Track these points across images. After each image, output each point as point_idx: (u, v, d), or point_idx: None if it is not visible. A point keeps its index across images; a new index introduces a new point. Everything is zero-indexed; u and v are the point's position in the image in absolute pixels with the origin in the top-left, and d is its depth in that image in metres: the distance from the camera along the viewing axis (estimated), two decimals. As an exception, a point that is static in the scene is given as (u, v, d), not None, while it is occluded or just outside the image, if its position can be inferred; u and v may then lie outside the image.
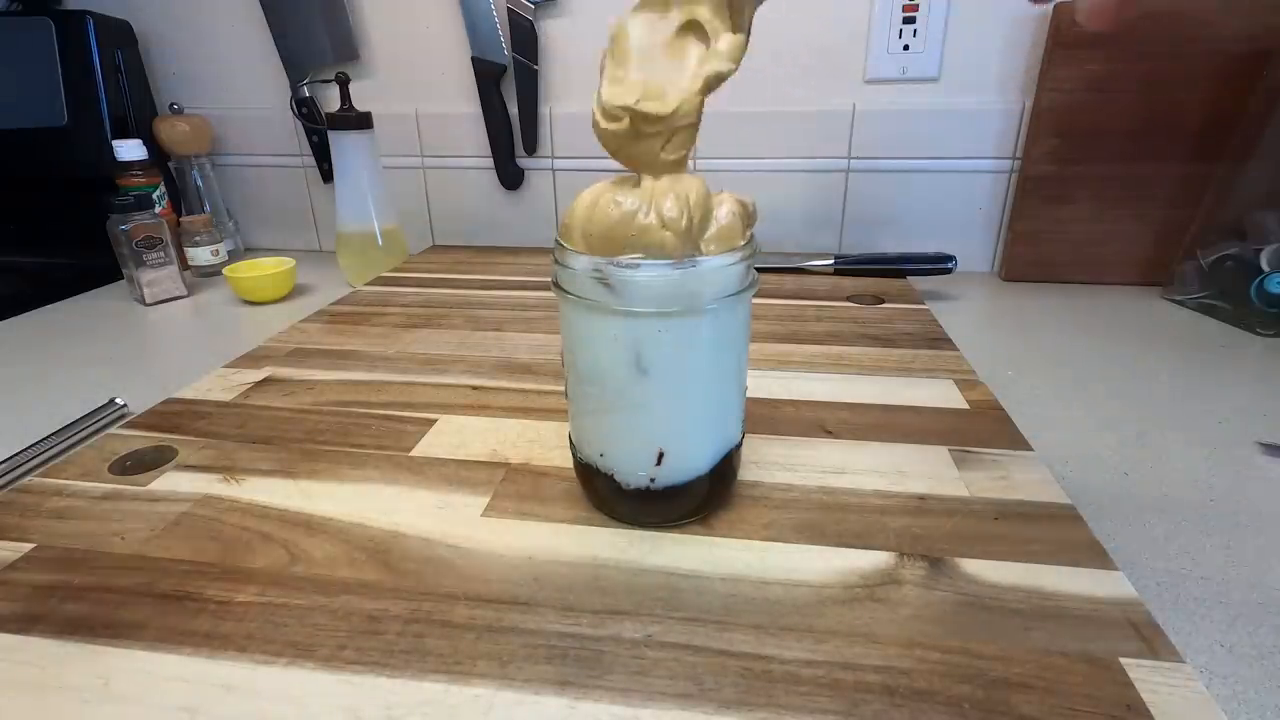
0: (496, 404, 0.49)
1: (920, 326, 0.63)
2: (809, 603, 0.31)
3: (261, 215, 0.99)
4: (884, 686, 0.26)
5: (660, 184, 0.30)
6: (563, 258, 0.32)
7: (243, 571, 0.33)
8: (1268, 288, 0.62)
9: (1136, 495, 0.40)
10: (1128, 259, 0.77)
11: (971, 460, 0.41)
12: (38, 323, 0.73)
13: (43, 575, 0.33)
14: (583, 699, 0.26)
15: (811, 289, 0.74)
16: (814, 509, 0.37)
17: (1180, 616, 0.31)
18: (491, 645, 0.29)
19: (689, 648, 0.28)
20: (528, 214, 0.93)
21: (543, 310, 0.69)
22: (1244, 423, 0.48)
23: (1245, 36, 0.67)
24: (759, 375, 0.52)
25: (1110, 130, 0.73)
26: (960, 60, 0.77)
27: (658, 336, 0.31)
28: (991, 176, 0.80)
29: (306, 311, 0.70)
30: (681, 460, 0.34)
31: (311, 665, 0.28)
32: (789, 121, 0.82)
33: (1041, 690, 0.26)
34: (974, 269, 0.83)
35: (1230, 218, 0.68)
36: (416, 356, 0.58)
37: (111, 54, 0.85)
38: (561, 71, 0.86)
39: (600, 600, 0.31)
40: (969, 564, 0.33)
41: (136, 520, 0.37)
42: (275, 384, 0.53)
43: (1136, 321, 0.67)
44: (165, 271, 0.76)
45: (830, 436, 0.44)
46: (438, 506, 0.38)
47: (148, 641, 0.29)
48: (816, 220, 0.86)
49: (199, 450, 0.44)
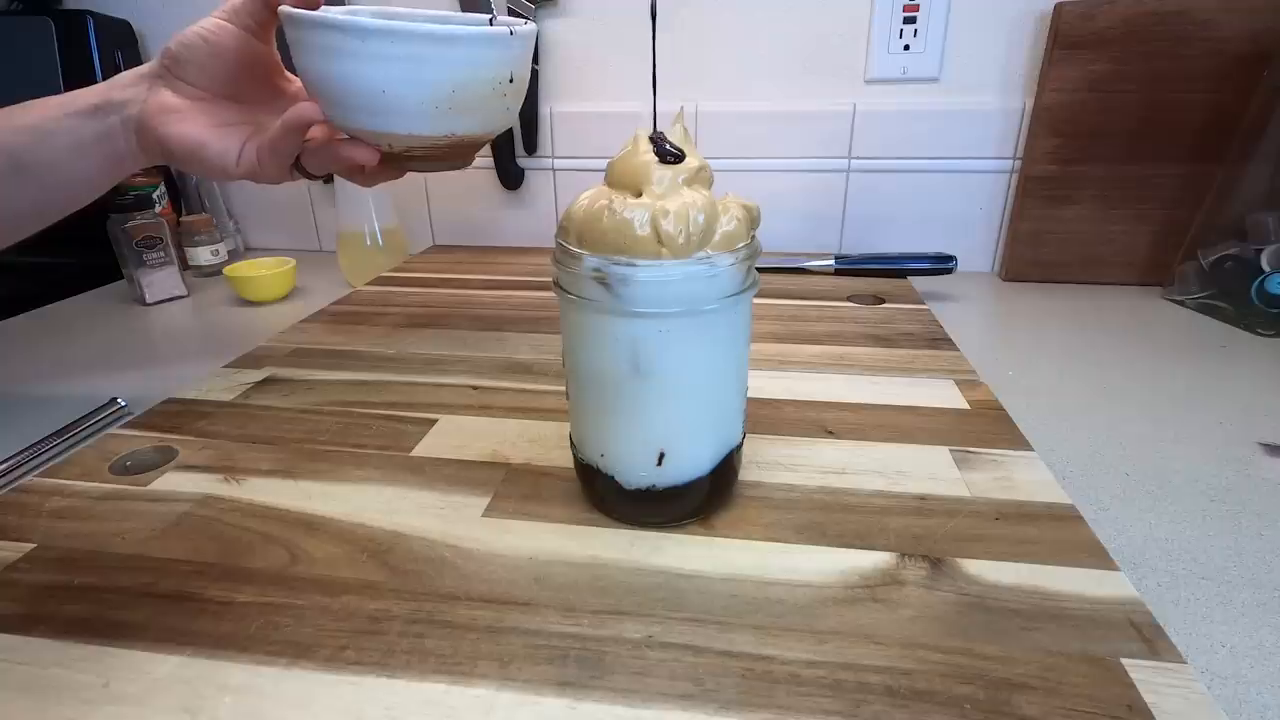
0: (497, 404, 0.49)
1: (921, 326, 0.63)
2: (810, 603, 0.31)
3: (261, 215, 0.99)
4: (885, 687, 0.26)
5: (665, 199, 0.30)
6: (563, 258, 0.32)
7: (243, 572, 0.33)
8: (1268, 288, 0.62)
9: (1137, 495, 0.40)
10: (1128, 259, 0.77)
11: (972, 460, 0.41)
12: (38, 323, 0.73)
13: (43, 575, 0.33)
14: (583, 699, 0.26)
15: (812, 289, 0.74)
16: (815, 509, 0.37)
17: (1181, 617, 0.31)
18: (492, 646, 0.29)
19: (690, 648, 0.28)
20: (528, 214, 0.93)
21: (543, 310, 0.69)
22: (1244, 423, 0.48)
23: (1245, 36, 0.67)
24: (759, 375, 0.52)
25: (1111, 130, 0.73)
26: (961, 60, 0.77)
27: (658, 337, 0.31)
28: (992, 176, 0.80)
29: (306, 311, 0.70)
30: (682, 460, 0.34)
31: (312, 666, 0.28)
32: (789, 121, 0.82)
33: (1043, 691, 0.26)
34: (974, 269, 0.83)
35: (1231, 218, 0.68)
36: (417, 356, 0.58)
37: (111, 54, 0.85)
38: (561, 71, 0.86)
39: (601, 601, 0.31)
40: (970, 564, 0.33)
41: (137, 520, 0.37)
42: (275, 384, 0.53)
43: (1137, 321, 0.67)
44: (165, 271, 0.76)
45: (831, 437, 0.44)
46: (439, 507, 0.38)
47: (148, 641, 0.29)
48: (817, 220, 0.86)
49: (199, 450, 0.44)
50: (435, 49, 0.39)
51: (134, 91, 0.44)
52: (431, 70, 0.40)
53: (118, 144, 0.44)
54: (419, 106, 0.41)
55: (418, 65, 0.39)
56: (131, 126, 0.44)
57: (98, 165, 0.45)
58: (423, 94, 0.40)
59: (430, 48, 0.39)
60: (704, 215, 0.30)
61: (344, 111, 0.42)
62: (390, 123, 0.41)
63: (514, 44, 0.42)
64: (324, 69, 0.40)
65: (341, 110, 0.42)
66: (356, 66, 0.39)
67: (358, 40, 0.38)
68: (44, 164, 0.43)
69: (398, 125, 0.41)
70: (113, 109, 0.44)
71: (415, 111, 0.41)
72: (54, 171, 0.44)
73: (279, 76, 0.48)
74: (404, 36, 0.38)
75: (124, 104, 0.44)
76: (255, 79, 0.46)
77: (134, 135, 0.44)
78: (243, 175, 0.45)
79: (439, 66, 0.40)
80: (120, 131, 0.44)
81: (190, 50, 0.43)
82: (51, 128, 0.43)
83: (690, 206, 0.30)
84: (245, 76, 0.45)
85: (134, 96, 0.44)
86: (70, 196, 0.46)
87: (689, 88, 0.83)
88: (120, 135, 0.44)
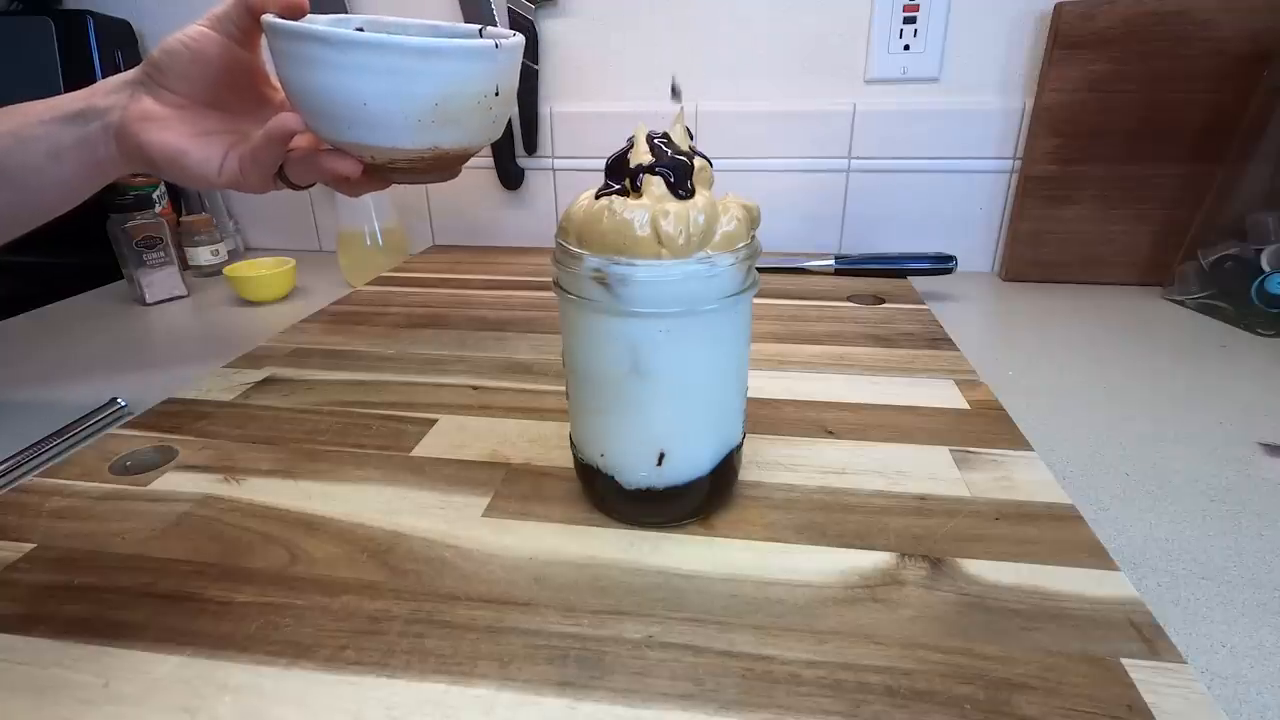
0: (497, 404, 0.49)
1: (921, 326, 0.63)
2: (810, 603, 0.31)
3: (261, 215, 0.99)
4: (885, 687, 0.26)
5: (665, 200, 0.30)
6: (563, 258, 0.32)
7: (243, 572, 0.33)
8: (1268, 288, 0.62)
9: (1137, 495, 0.40)
10: (1128, 259, 0.77)
11: (972, 460, 0.41)
12: (38, 323, 0.73)
13: (43, 575, 0.33)
14: (584, 699, 0.26)
15: (812, 289, 0.74)
16: (815, 509, 0.37)
17: (1181, 617, 0.31)
18: (492, 646, 0.29)
19: (690, 648, 0.28)
20: (528, 214, 0.93)
21: (543, 310, 0.69)
22: (1244, 423, 0.48)
23: (1245, 36, 0.67)
24: (759, 375, 0.52)
25: (1111, 130, 0.73)
26: (961, 60, 0.77)
27: (658, 337, 0.31)
28: (992, 176, 0.80)
29: (306, 311, 0.70)
30: (682, 461, 0.34)
31: (312, 666, 0.28)
32: (789, 121, 0.82)
33: (1043, 691, 0.26)
34: (974, 269, 0.83)
35: (1231, 218, 0.68)
36: (416, 356, 0.58)
37: (111, 54, 0.85)
38: (561, 71, 0.86)
39: (601, 601, 0.31)
40: (970, 564, 0.33)
41: (137, 520, 0.37)
42: (275, 384, 0.53)
43: (1137, 321, 0.67)
44: (165, 271, 0.76)
45: (831, 437, 0.44)
46: (438, 507, 0.38)
47: (148, 641, 0.29)
48: (817, 220, 0.86)
49: (199, 450, 0.44)
50: (418, 62, 0.38)
51: (116, 98, 0.43)
52: (414, 83, 0.39)
53: (97, 151, 0.43)
54: (402, 119, 0.40)
55: (400, 78, 0.39)
56: (112, 133, 0.43)
57: (76, 171, 0.44)
58: (405, 107, 0.40)
59: (413, 61, 0.38)
60: (704, 215, 0.30)
61: (325, 123, 0.41)
62: (373, 135, 0.41)
63: (499, 57, 0.41)
64: (305, 80, 0.40)
65: (323, 122, 0.41)
66: (338, 78, 0.38)
67: (339, 52, 0.38)
68: (20, 169, 0.43)
69: (380, 138, 0.41)
70: (94, 115, 0.43)
71: (398, 125, 0.40)
72: (31, 177, 0.43)
73: (265, 85, 0.47)
74: (386, 49, 0.38)
75: (105, 110, 0.43)
76: (239, 87, 0.46)
77: (114, 142, 0.43)
78: (225, 185, 0.45)
79: (422, 80, 0.39)
80: (100, 138, 0.43)
81: (172, 57, 0.43)
82: (29, 133, 0.43)
83: (690, 207, 0.30)
84: (229, 84, 0.45)
85: (116, 103, 0.43)
86: (48, 202, 0.46)
87: (689, 88, 0.83)
88: (100, 142, 0.43)
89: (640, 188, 0.31)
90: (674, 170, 0.31)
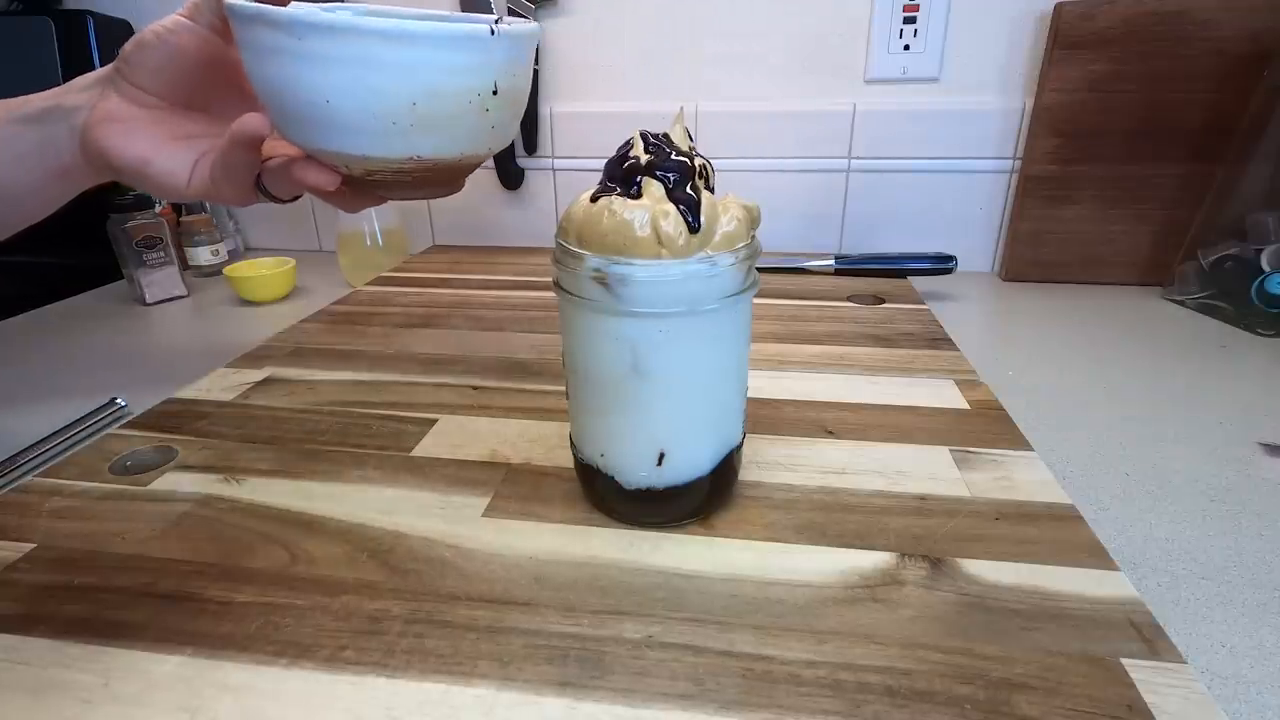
0: (497, 404, 0.49)
1: (921, 326, 0.63)
2: (810, 603, 0.31)
3: (261, 215, 0.99)
4: (885, 687, 0.26)
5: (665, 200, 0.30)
6: (563, 258, 0.31)
7: (243, 571, 0.33)
8: (1268, 288, 0.62)
9: (1137, 495, 0.40)
10: (1128, 259, 0.77)
11: (972, 460, 0.41)
12: (38, 323, 0.73)
13: (43, 575, 0.33)
14: (584, 699, 0.26)
15: (812, 289, 0.74)
16: (815, 509, 0.37)
17: (1181, 617, 0.31)
18: (492, 645, 0.29)
19: (690, 648, 0.28)
20: (528, 214, 0.93)
21: (543, 310, 0.69)
22: (1244, 423, 0.48)
23: (1245, 36, 0.67)
24: (759, 375, 0.52)
25: (1111, 130, 0.73)
26: (961, 60, 0.77)
27: (658, 337, 0.31)
28: (992, 176, 0.80)
29: (306, 311, 0.70)
30: (682, 461, 0.34)
31: (312, 666, 0.28)
32: (789, 121, 0.82)
33: (1043, 691, 0.26)
34: (974, 269, 0.83)
35: (1231, 218, 0.68)
36: (416, 356, 0.58)
37: (112, 54, 0.84)
38: (561, 71, 0.86)
39: (601, 601, 0.31)
40: (970, 564, 0.33)
41: (136, 520, 0.37)
42: (276, 384, 0.53)
43: (1137, 321, 0.67)
44: (165, 271, 0.76)
45: (831, 436, 0.44)
46: (438, 507, 0.38)
47: (148, 641, 0.29)
48: (817, 220, 0.86)
49: (199, 450, 0.44)
50: (386, 49, 0.31)
51: (85, 96, 0.38)
52: (383, 76, 0.32)
53: (62, 156, 0.38)
54: (371, 121, 0.33)
55: (365, 69, 0.32)
56: (77, 136, 0.38)
57: (40, 179, 0.39)
58: (374, 105, 0.33)
59: (380, 47, 0.31)
60: (704, 216, 0.30)
61: (288, 124, 0.35)
62: (341, 140, 0.34)
63: (495, 46, 0.34)
64: (264, 72, 0.33)
65: (288, 124, 0.35)
66: (295, 69, 0.32)
67: (291, 37, 0.31)
68: None
69: (348, 144, 0.34)
70: (60, 116, 0.38)
71: (367, 127, 0.33)
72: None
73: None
74: (346, 32, 0.31)
75: (73, 110, 0.38)
76: (220, 86, 0.40)
77: (79, 146, 0.38)
78: (196, 196, 0.39)
79: (393, 71, 0.32)
80: (66, 142, 0.38)
81: (145, 51, 0.38)
82: None
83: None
84: (208, 83, 0.40)
85: (84, 102, 0.38)
86: (18, 212, 0.41)
87: (689, 88, 0.83)
88: (66, 146, 0.38)
89: (641, 191, 0.31)
90: (676, 172, 0.31)
